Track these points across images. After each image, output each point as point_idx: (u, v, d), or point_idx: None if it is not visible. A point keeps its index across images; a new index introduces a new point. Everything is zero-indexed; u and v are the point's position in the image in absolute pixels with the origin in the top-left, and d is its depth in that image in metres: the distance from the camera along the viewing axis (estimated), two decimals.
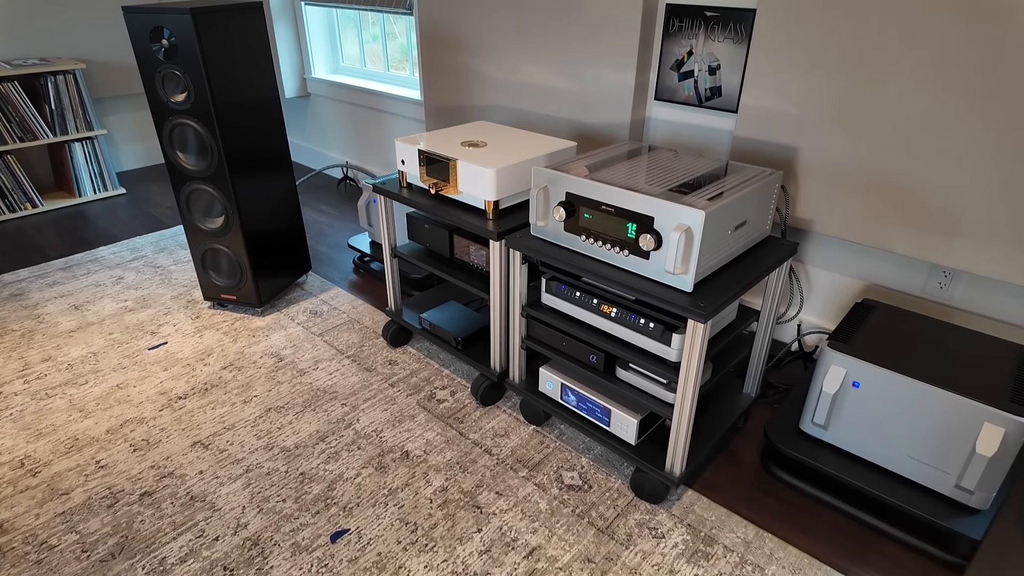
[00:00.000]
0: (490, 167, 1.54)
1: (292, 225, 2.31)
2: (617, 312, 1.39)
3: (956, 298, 1.71)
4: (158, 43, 1.82)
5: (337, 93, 3.35)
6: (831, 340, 1.44)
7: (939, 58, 1.45)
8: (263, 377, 1.91)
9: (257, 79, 2.02)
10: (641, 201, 1.25)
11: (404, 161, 1.76)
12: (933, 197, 1.56)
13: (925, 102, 1.50)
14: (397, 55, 3.14)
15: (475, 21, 2.36)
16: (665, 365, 1.35)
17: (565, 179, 1.38)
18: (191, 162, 1.97)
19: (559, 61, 2.17)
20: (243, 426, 1.71)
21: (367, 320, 2.22)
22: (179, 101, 1.88)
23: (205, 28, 1.79)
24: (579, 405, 1.56)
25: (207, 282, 2.20)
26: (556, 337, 1.56)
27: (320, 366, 1.97)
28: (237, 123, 1.96)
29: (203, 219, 2.07)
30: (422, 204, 1.70)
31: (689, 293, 1.24)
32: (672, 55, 1.98)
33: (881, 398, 1.36)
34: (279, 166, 2.18)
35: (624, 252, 1.32)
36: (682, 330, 1.30)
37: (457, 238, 1.75)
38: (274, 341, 2.09)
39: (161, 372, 1.93)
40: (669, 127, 2.08)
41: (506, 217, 1.61)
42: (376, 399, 1.82)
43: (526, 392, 1.67)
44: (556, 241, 1.46)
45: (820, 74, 1.64)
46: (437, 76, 2.60)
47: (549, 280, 1.52)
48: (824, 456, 1.47)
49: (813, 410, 1.47)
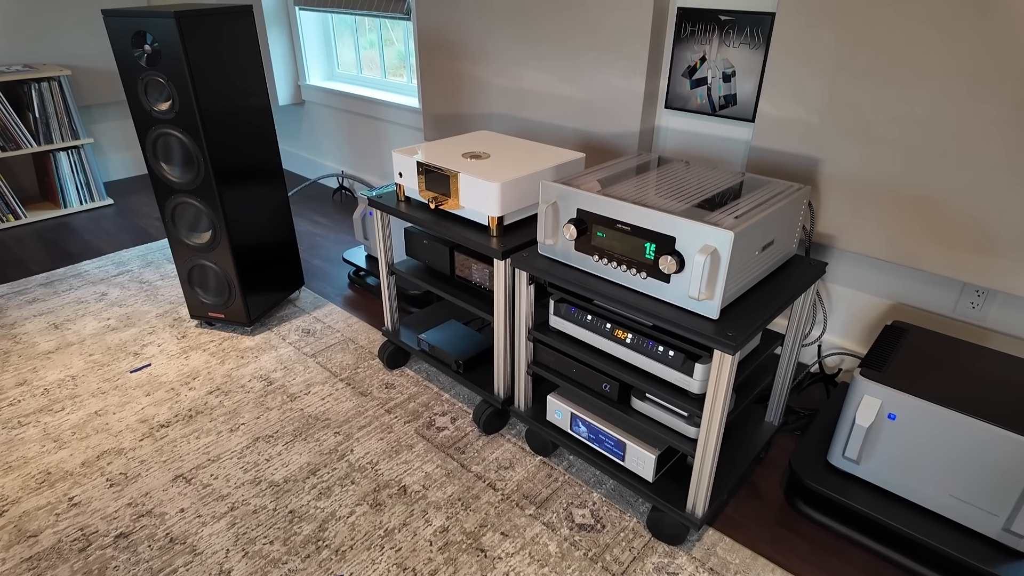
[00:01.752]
0: (494, 181, 1.43)
1: (284, 239, 2.20)
2: (633, 338, 1.29)
3: (990, 319, 1.60)
4: (140, 49, 1.71)
5: (332, 100, 3.25)
6: (863, 368, 1.33)
7: (976, 65, 1.35)
8: (251, 403, 1.80)
9: (246, 87, 1.91)
10: (661, 219, 1.14)
11: (402, 174, 1.65)
12: (968, 212, 1.46)
13: (961, 111, 1.40)
14: (394, 61, 3.04)
15: (476, 26, 2.26)
16: (686, 397, 1.24)
17: (576, 195, 1.27)
18: (176, 174, 1.86)
19: (564, 68, 2.07)
20: (229, 458, 1.59)
21: (362, 339, 2.11)
22: (163, 110, 1.77)
23: (190, 33, 1.68)
24: (590, 437, 1.45)
25: (194, 300, 2.09)
26: (565, 363, 1.45)
27: (312, 390, 1.85)
28: (225, 133, 1.85)
29: (189, 234, 1.96)
30: (421, 219, 1.59)
31: (715, 321, 1.13)
32: (684, 61, 1.88)
33: (920, 431, 1.26)
34: (270, 178, 2.07)
35: (641, 274, 1.21)
36: (706, 359, 1.19)
37: (458, 255, 1.65)
38: (264, 363, 1.98)
39: (143, 397, 1.82)
40: (680, 137, 1.98)
41: (511, 234, 1.50)
42: (371, 427, 1.70)
43: (532, 421, 1.56)
44: (566, 261, 1.35)
45: (844, 81, 1.54)
46: (436, 83, 2.50)
47: (558, 302, 1.41)
48: (856, 492, 1.36)
49: (844, 443, 1.36)
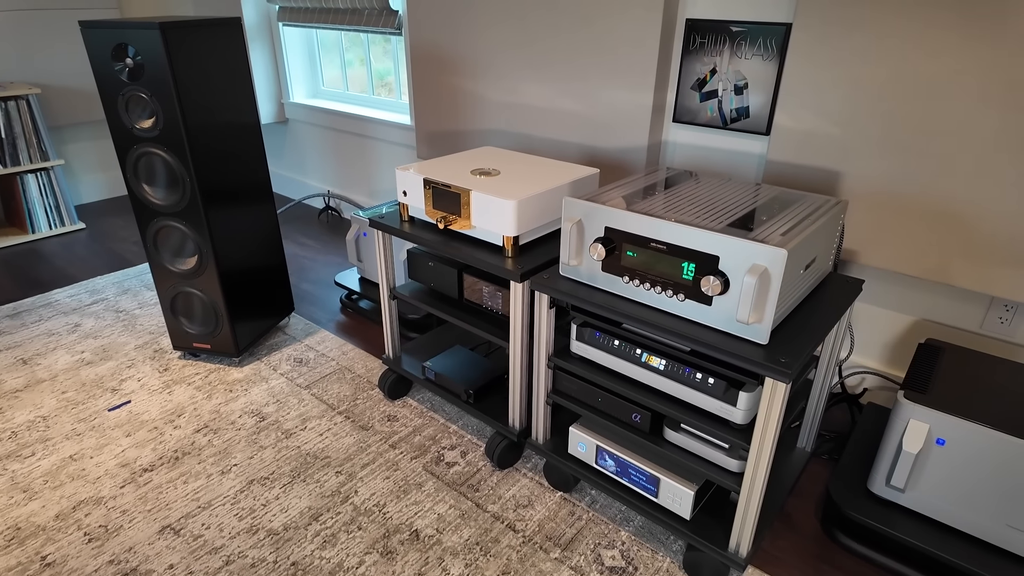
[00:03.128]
0: (510, 199, 1.34)
1: (274, 263, 2.07)
2: (667, 365, 1.20)
3: (1020, 334, 1.55)
4: (121, 62, 1.59)
5: (317, 118, 3.15)
6: (907, 391, 1.26)
7: (1008, 75, 1.31)
8: (243, 441, 1.66)
9: (234, 103, 1.80)
10: (703, 238, 1.06)
11: (406, 192, 1.55)
12: (1001, 225, 1.41)
13: (992, 123, 1.35)
14: (383, 78, 2.95)
15: (472, 40, 2.19)
16: (728, 428, 1.15)
17: (605, 212, 1.18)
18: (159, 196, 1.74)
19: (567, 81, 2.00)
20: (221, 504, 1.46)
21: (359, 368, 1.99)
22: (146, 127, 1.65)
23: (176, 46, 1.57)
24: (618, 472, 1.35)
25: (177, 330, 1.95)
26: (589, 392, 1.36)
27: (309, 425, 1.72)
28: (212, 151, 1.74)
29: (173, 259, 1.83)
30: (428, 240, 1.49)
31: (764, 346, 1.05)
32: (693, 74, 1.83)
33: (972, 457, 1.18)
34: (259, 198, 1.96)
35: (678, 296, 1.13)
36: (750, 387, 1.10)
37: (468, 278, 1.55)
38: (255, 396, 1.84)
39: (123, 438, 1.67)
40: (690, 151, 1.91)
41: (526, 254, 1.41)
42: (376, 464, 1.58)
43: (552, 454, 1.45)
44: (591, 283, 1.26)
45: (868, 92, 1.49)
46: (430, 99, 2.41)
47: (581, 326, 1.32)
48: (901, 522, 1.28)
49: (889, 471, 1.28)
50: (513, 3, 2.03)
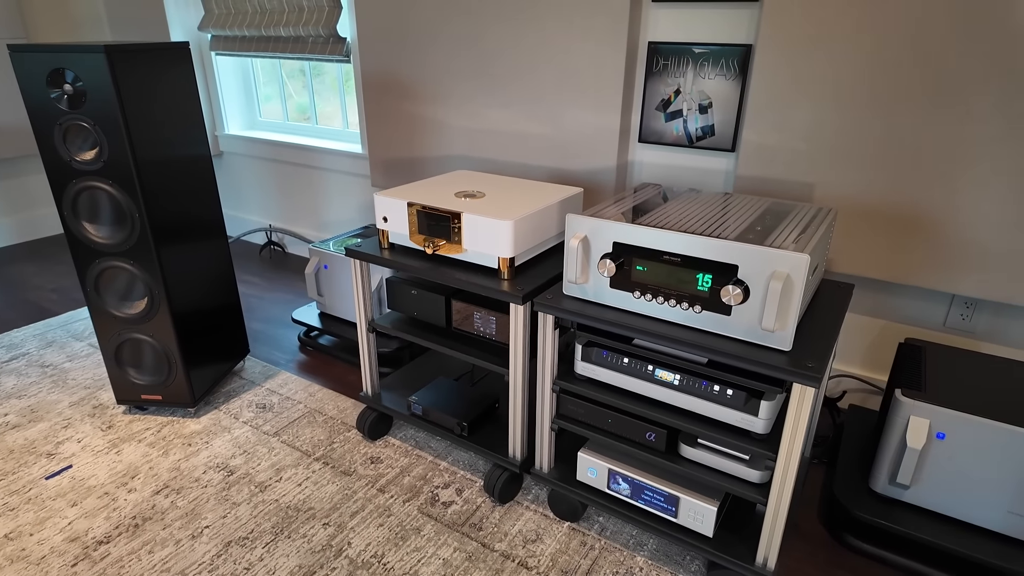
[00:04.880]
0: (507, 219, 1.30)
1: (228, 302, 1.92)
2: (682, 379, 1.18)
3: (980, 330, 1.65)
4: (59, 89, 1.44)
5: (255, 150, 3.00)
6: (904, 389, 1.29)
7: (960, 85, 1.41)
8: (212, 499, 1.50)
9: (185, 132, 1.67)
10: (721, 247, 1.05)
11: (387, 218, 1.48)
12: (960, 228, 1.50)
13: (948, 131, 1.45)
14: (328, 106, 2.86)
15: (430, 66, 2.16)
16: (749, 438, 1.14)
17: (613, 227, 1.16)
18: (104, 234, 1.57)
19: (531, 105, 2.00)
20: (197, 572, 1.30)
21: (330, 409, 1.86)
22: (88, 160, 1.50)
23: (124, 71, 1.45)
24: (634, 495, 1.31)
25: (123, 381, 1.75)
26: (598, 414, 1.32)
27: (285, 475, 1.58)
28: (162, 184, 1.60)
29: (119, 304, 1.65)
30: (414, 267, 1.42)
31: (787, 352, 1.05)
32: (657, 95, 1.87)
33: (972, 449, 1.22)
34: (212, 234, 1.82)
35: (695, 308, 1.11)
36: (770, 396, 1.10)
37: (457, 304, 1.48)
38: (218, 449, 1.68)
39: (68, 509, 1.47)
40: (657, 170, 1.94)
41: (520, 276, 1.37)
42: (366, 512, 1.46)
43: (559, 483, 1.39)
44: (599, 300, 1.23)
45: (830, 107, 1.56)
46: (384, 127, 2.35)
47: (586, 346, 1.28)
48: (908, 519, 1.31)
49: (893, 469, 1.31)
50: (473, 31, 2.02)
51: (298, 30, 2.53)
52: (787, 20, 1.55)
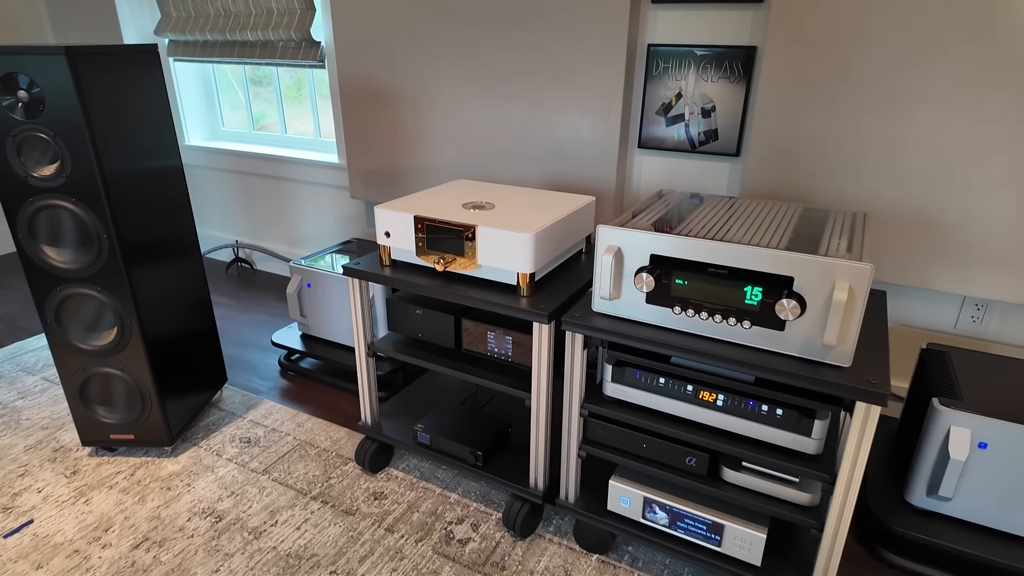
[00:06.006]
0: (526, 232, 1.20)
1: (204, 326, 1.76)
2: (726, 399, 1.10)
3: (991, 331, 1.64)
4: (12, 96, 1.28)
5: (219, 162, 2.82)
6: (941, 398, 1.25)
7: (973, 86, 1.39)
8: (200, 550, 1.34)
9: (156, 143, 1.52)
10: (775, 258, 0.98)
11: (389, 233, 1.36)
12: (972, 230, 1.48)
13: (961, 133, 1.43)
14: (297, 113, 2.70)
15: (415, 71, 2.04)
16: (799, 459, 1.07)
17: (651, 238, 1.08)
18: (66, 258, 1.40)
19: (525, 110, 1.91)
20: None
21: (322, 440, 1.72)
22: (47, 175, 1.33)
23: (88, 75, 1.29)
24: (672, 523, 1.22)
25: (90, 421, 1.58)
26: (631, 438, 1.23)
27: (280, 518, 1.44)
28: (133, 201, 1.44)
29: (85, 335, 1.48)
30: (423, 285, 1.31)
31: (847, 368, 0.98)
32: (657, 99, 1.81)
33: (1016, 457, 1.19)
34: (185, 251, 1.66)
35: (743, 323, 1.04)
36: (823, 414, 1.03)
37: (468, 323, 1.37)
38: (202, 491, 1.52)
39: (33, 572, 1.29)
40: (658, 176, 1.88)
41: (538, 292, 1.27)
42: (376, 556, 1.34)
43: (588, 514, 1.30)
44: (633, 317, 1.15)
45: (841, 110, 1.53)
46: (364, 135, 2.22)
47: (617, 366, 1.20)
48: (951, 532, 1.26)
49: (932, 481, 1.27)
50: (461, 33, 1.92)
51: (267, 34, 2.38)
52: (795, 21, 1.51)
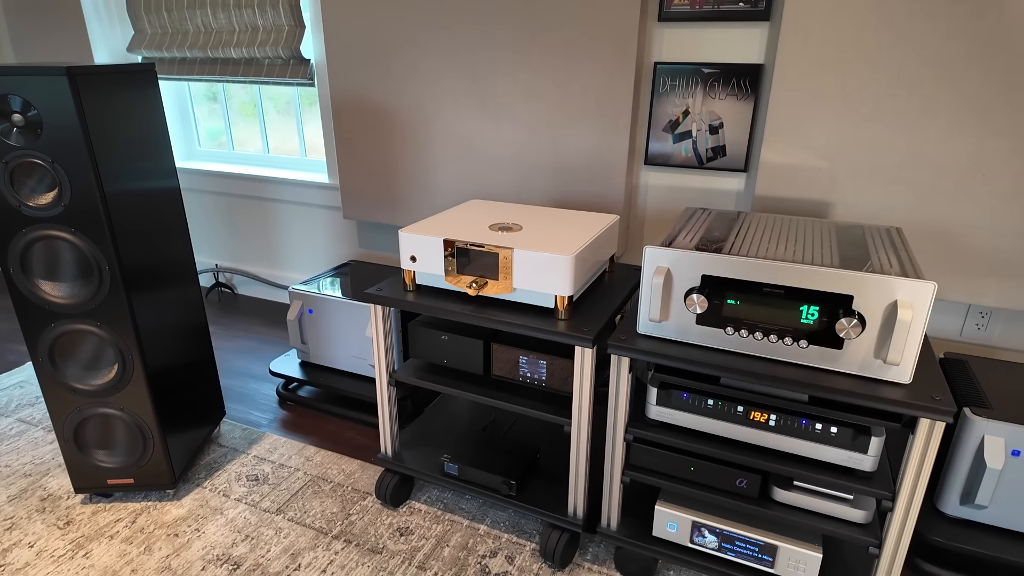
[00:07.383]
0: (565, 254, 1.17)
1: (203, 358, 1.67)
2: (778, 419, 1.09)
3: (995, 338, 1.69)
4: (4, 120, 1.18)
5: (197, 183, 2.70)
6: (972, 407, 1.27)
7: (982, 101, 1.43)
8: None
9: (155, 166, 1.43)
10: (834, 277, 0.98)
11: (415, 257, 1.32)
12: (982, 241, 1.52)
13: (969, 146, 1.47)
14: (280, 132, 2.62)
15: (411, 88, 2.00)
16: (853, 477, 1.06)
17: (703, 259, 1.06)
18: (64, 292, 1.30)
19: (531, 127, 1.89)
20: None
21: (335, 473, 1.64)
22: (44, 204, 1.23)
23: (90, 97, 1.21)
24: (722, 547, 1.20)
25: (84, 467, 1.46)
26: (677, 462, 1.20)
27: (303, 561, 1.35)
28: (134, 229, 1.35)
29: (83, 375, 1.37)
30: (455, 311, 1.26)
31: (907, 385, 0.98)
32: (664, 116, 1.81)
33: None
34: (183, 279, 1.57)
35: (800, 343, 1.03)
36: (878, 431, 1.03)
37: (498, 348, 1.33)
38: (213, 536, 1.42)
39: None
40: (666, 193, 1.88)
41: (575, 314, 1.24)
42: None
43: (632, 541, 1.27)
44: (683, 339, 1.13)
45: (852, 125, 1.56)
46: (358, 155, 2.16)
47: (662, 388, 1.17)
48: (987, 540, 1.28)
49: (967, 489, 1.28)
50: (463, 49, 1.89)
51: (252, 51, 2.30)
52: (805, 39, 1.54)
